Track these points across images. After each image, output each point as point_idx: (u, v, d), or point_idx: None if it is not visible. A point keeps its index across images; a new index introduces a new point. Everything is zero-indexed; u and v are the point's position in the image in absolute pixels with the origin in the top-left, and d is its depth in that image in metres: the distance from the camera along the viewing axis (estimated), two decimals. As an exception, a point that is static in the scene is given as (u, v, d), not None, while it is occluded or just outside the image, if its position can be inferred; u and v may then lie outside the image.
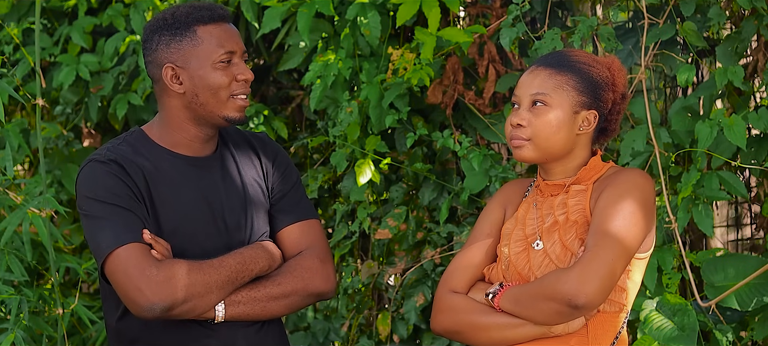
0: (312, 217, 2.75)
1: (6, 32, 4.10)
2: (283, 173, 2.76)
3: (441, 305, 2.55)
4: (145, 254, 2.48)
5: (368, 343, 3.77)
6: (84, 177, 2.57)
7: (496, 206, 2.65)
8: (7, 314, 3.34)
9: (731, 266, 3.22)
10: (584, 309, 2.36)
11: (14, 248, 3.46)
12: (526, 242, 2.52)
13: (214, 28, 2.57)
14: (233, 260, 2.56)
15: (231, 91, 2.58)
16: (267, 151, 2.76)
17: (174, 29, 2.58)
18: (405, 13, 3.41)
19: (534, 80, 2.51)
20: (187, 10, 2.59)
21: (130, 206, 2.53)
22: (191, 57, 2.57)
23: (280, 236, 2.71)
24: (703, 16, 3.32)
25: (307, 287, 2.64)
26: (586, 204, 2.49)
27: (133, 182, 2.55)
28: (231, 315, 2.56)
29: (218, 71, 2.57)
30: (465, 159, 3.52)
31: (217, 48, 2.56)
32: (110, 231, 2.50)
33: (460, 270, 2.57)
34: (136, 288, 2.45)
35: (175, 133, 2.64)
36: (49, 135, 4.31)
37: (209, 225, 2.62)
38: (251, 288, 2.59)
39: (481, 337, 2.49)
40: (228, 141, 2.73)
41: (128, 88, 4.20)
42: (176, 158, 2.63)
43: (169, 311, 2.47)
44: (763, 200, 3.53)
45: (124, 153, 2.59)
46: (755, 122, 3.16)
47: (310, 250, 2.69)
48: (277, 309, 2.62)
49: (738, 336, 3.29)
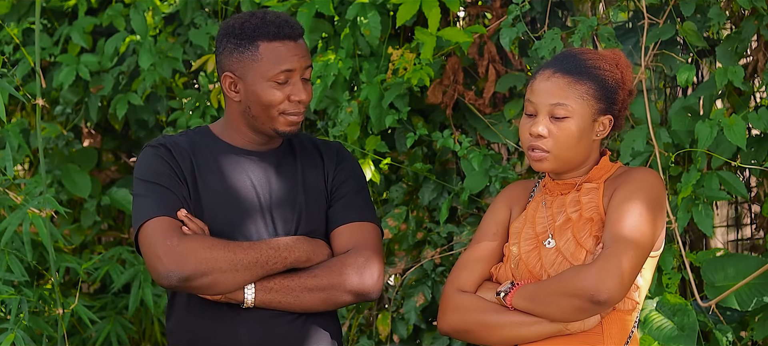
0: (367, 220, 2.73)
1: (6, 32, 4.10)
2: (346, 178, 2.76)
3: (449, 305, 2.54)
4: (173, 227, 2.54)
5: (368, 343, 3.77)
6: (137, 161, 2.68)
7: (501, 206, 2.64)
8: (7, 314, 3.34)
9: (731, 266, 3.22)
10: (605, 305, 2.35)
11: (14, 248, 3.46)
12: (537, 240, 2.51)
13: (277, 45, 2.59)
14: (266, 245, 2.58)
15: (282, 109, 2.61)
16: (331, 156, 2.77)
17: (239, 39, 2.61)
18: (405, 13, 3.41)
19: (552, 88, 2.47)
20: (256, 22, 2.61)
21: (169, 185, 2.59)
22: (249, 70, 2.60)
23: (333, 235, 2.71)
24: (703, 16, 3.32)
25: (345, 282, 2.61)
26: (600, 202, 2.49)
27: (178, 164, 2.63)
28: (261, 301, 2.57)
29: (272, 89, 2.60)
30: (465, 159, 3.52)
31: (274, 66, 2.59)
32: (146, 206, 2.58)
33: (468, 269, 2.56)
34: (156, 256, 2.51)
35: (235, 133, 2.69)
36: (49, 135, 4.31)
37: (253, 215, 2.64)
38: (286, 277, 2.59)
39: (493, 336, 2.48)
40: (294, 142, 2.76)
41: (128, 88, 4.20)
42: (232, 149, 2.68)
43: (188, 282, 2.50)
44: (763, 200, 3.53)
45: (178, 140, 2.68)
46: (755, 122, 3.16)
47: (356, 249, 2.66)
48: (312, 302, 2.60)
49: (738, 336, 3.29)
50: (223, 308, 2.60)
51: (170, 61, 4.05)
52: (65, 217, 4.25)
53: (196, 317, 2.63)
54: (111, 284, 4.07)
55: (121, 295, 4.17)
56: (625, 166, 2.59)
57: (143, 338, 4.29)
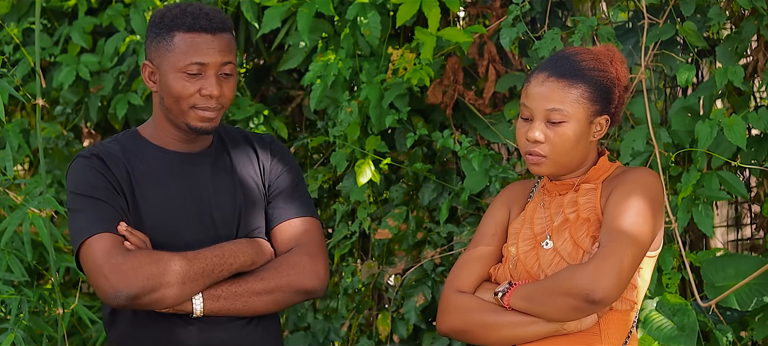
0: (307, 215, 2.70)
1: (6, 32, 4.10)
2: (281, 170, 2.73)
3: (448, 305, 2.54)
4: (115, 244, 2.48)
5: (368, 343, 3.77)
6: (69, 172, 2.61)
7: (500, 207, 2.64)
8: (7, 314, 3.34)
9: (731, 266, 3.22)
10: (600, 304, 2.35)
11: (14, 248, 3.46)
12: (535, 240, 2.52)
13: (191, 37, 2.55)
14: (211, 253, 2.54)
15: (192, 103, 2.56)
16: (265, 149, 2.74)
17: (159, 29, 2.58)
18: (405, 13, 3.41)
19: (547, 93, 2.46)
20: (176, 13, 2.57)
21: (107, 199, 2.53)
22: (164, 60, 2.57)
23: (274, 232, 2.68)
24: (703, 16, 3.32)
25: (292, 283, 2.60)
26: (597, 202, 2.49)
27: (114, 175, 2.56)
28: (210, 309, 2.54)
29: (183, 81, 2.55)
30: (465, 159, 3.52)
31: (185, 57, 2.54)
32: (85, 222, 2.52)
33: (467, 270, 2.56)
34: (102, 276, 2.46)
35: (162, 132, 2.64)
36: (49, 135, 4.31)
37: (194, 220, 2.60)
38: (232, 283, 2.56)
39: (491, 336, 2.48)
40: (225, 138, 2.72)
41: (128, 88, 4.20)
42: (165, 154, 2.63)
43: (136, 300, 2.46)
44: (763, 200, 3.53)
45: (110, 149, 2.61)
46: (755, 122, 3.16)
47: (300, 247, 2.64)
48: (261, 305, 2.58)
49: (738, 336, 3.29)
50: (173, 317, 2.56)
51: (170, 61, 4.05)
52: (65, 217, 4.24)
53: (142, 328, 2.59)
54: (111, 284, 4.07)
55: (121, 295, 4.16)
56: (623, 166, 2.59)
57: (143, 338, 4.29)
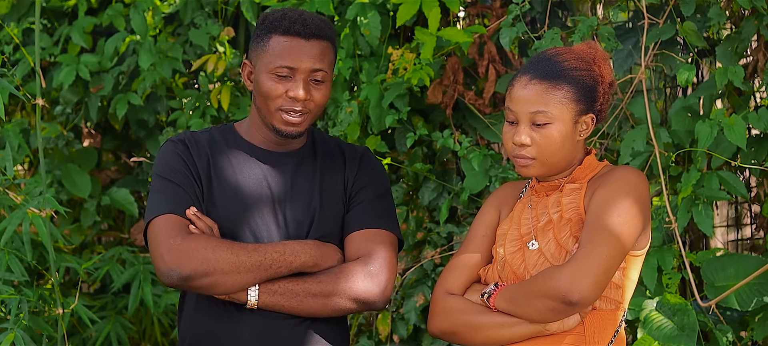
0: (382, 227, 2.70)
1: (6, 32, 4.10)
2: (366, 182, 2.74)
3: (437, 307, 2.55)
4: (178, 226, 2.56)
5: (368, 343, 3.77)
6: (157, 155, 2.70)
7: (490, 208, 2.65)
8: (7, 314, 3.34)
9: (731, 266, 3.22)
10: (578, 306, 2.35)
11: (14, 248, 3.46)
12: (522, 241, 2.52)
13: (285, 40, 2.61)
14: (272, 248, 2.58)
15: (279, 105, 2.62)
16: (354, 160, 2.76)
17: (259, 30, 2.66)
18: (405, 13, 3.41)
19: (530, 96, 2.46)
20: (276, 16, 2.65)
21: (181, 183, 2.61)
22: (259, 60, 2.64)
23: (347, 240, 2.69)
24: (703, 16, 3.32)
25: (349, 290, 2.59)
26: (581, 202, 2.49)
27: (194, 161, 2.65)
28: (265, 303, 2.57)
29: (272, 81, 2.61)
30: (465, 159, 3.52)
31: (276, 59, 2.60)
32: (156, 202, 2.61)
33: (456, 272, 2.57)
34: (159, 254, 2.53)
35: (255, 130, 2.71)
36: (49, 135, 4.31)
37: (267, 216, 2.65)
38: (291, 280, 2.59)
39: (477, 337, 2.49)
40: (318, 144, 2.76)
41: (128, 88, 4.20)
42: (252, 148, 2.70)
43: (188, 282, 2.51)
44: (763, 200, 3.53)
45: (198, 137, 2.71)
46: (755, 122, 3.16)
47: (367, 256, 2.64)
48: (316, 307, 2.59)
49: (738, 336, 3.29)
50: (230, 307, 2.60)
51: (170, 61, 4.06)
52: (65, 217, 4.25)
53: (203, 315, 2.64)
54: (111, 284, 4.08)
55: (121, 295, 4.17)
56: (611, 165, 2.58)
57: (143, 338, 4.29)
